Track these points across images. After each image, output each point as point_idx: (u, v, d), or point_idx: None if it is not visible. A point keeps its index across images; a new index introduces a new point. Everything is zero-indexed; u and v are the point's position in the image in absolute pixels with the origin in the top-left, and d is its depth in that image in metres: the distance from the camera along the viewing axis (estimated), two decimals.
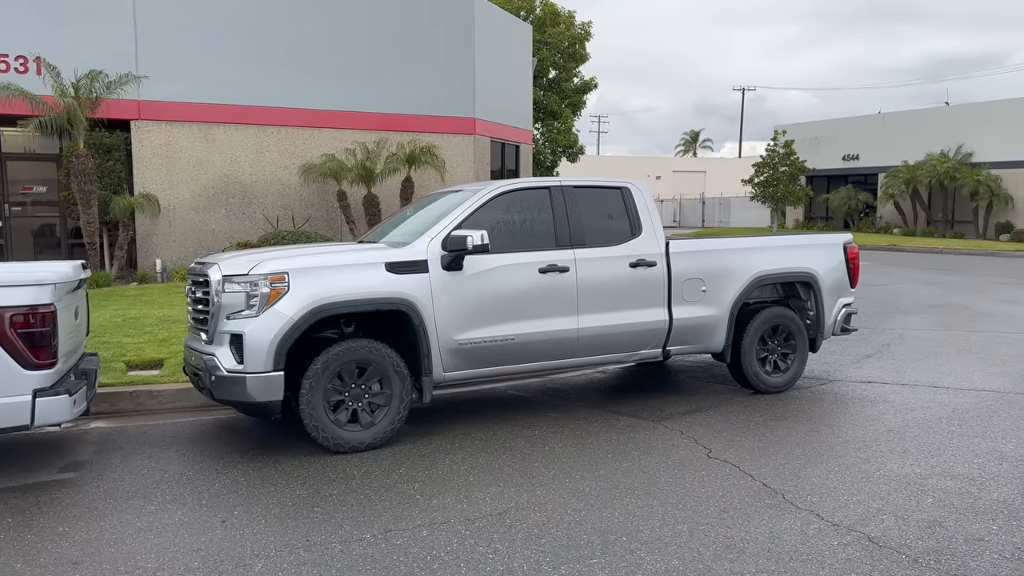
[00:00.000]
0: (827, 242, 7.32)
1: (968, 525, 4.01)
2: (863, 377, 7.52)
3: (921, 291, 14.45)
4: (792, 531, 3.96)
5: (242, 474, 4.92)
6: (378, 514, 4.22)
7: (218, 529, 4.05)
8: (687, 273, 6.52)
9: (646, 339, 6.42)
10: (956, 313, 11.59)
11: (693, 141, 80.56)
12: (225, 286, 5.18)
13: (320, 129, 16.06)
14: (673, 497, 4.44)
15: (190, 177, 15.25)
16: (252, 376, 5.04)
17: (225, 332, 5.16)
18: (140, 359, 7.63)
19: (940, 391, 6.91)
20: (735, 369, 6.92)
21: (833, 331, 7.26)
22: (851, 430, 5.78)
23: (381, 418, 5.39)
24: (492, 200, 6.00)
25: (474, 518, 4.15)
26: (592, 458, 5.15)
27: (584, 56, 30.94)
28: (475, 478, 4.78)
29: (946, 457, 5.11)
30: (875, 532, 3.93)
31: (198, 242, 15.11)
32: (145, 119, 14.77)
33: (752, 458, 5.12)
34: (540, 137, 30.57)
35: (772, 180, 34.07)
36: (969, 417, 6.06)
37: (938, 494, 4.45)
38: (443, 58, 17.30)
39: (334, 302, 5.20)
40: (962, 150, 31.97)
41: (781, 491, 4.52)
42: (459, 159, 17.40)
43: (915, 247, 26.49)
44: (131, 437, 5.81)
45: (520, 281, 5.87)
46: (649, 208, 6.59)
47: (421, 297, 5.47)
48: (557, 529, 4.00)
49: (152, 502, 4.45)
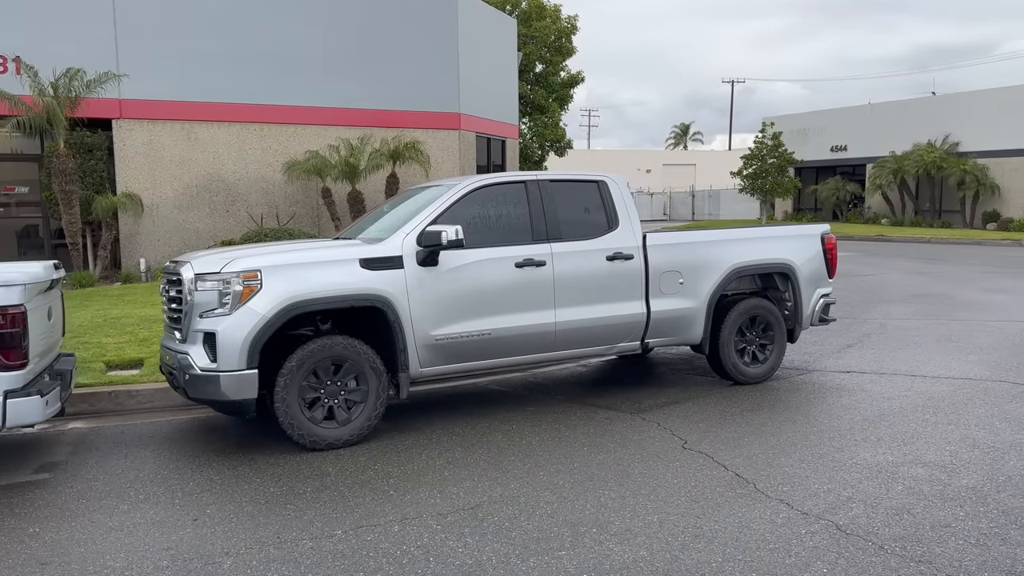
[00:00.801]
0: (804, 233, 7.35)
1: (936, 512, 4.04)
2: (842, 367, 7.56)
3: (906, 281, 14.52)
4: (761, 520, 3.98)
5: (217, 472, 4.92)
6: (351, 510, 4.23)
7: (189, 527, 4.05)
8: (664, 266, 6.54)
9: (624, 332, 6.44)
10: (939, 302, 11.65)
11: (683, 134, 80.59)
12: (197, 284, 5.17)
13: (304, 126, 16.02)
14: (646, 488, 4.46)
15: (173, 176, 15.19)
16: (226, 375, 5.04)
17: (198, 331, 5.15)
18: (120, 359, 7.60)
19: (918, 380, 6.96)
20: (714, 361, 6.95)
21: (811, 321, 7.29)
22: (827, 420, 5.81)
23: (357, 415, 5.39)
24: (468, 195, 6.00)
25: (446, 512, 4.16)
26: (568, 451, 5.16)
27: (570, 50, 30.92)
28: (450, 473, 4.79)
29: (919, 445, 5.15)
30: (843, 520, 3.96)
31: (182, 241, 15.06)
32: (127, 118, 14.70)
33: (726, 448, 5.15)
34: (527, 132, 30.56)
35: (760, 172, 34.16)
36: (944, 405, 6.10)
37: (908, 482, 4.48)
38: (427, 53, 17.26)
39: (307, 299, 5.19)
40: (949, 140, 32.12)
41: (753, 481, 4.54)
42: (444, 154, 17.38)
43: (903, 237, 26.60)
44: (108, 437, 5.79)
45: (496, 276, 5.87)
46: (626, 201, 6.60)
47: (396, 293, 5.47)
48: (528, 522, 4.02)
49: (125, 501, 4.44)
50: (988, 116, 31.10)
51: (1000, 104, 30.79)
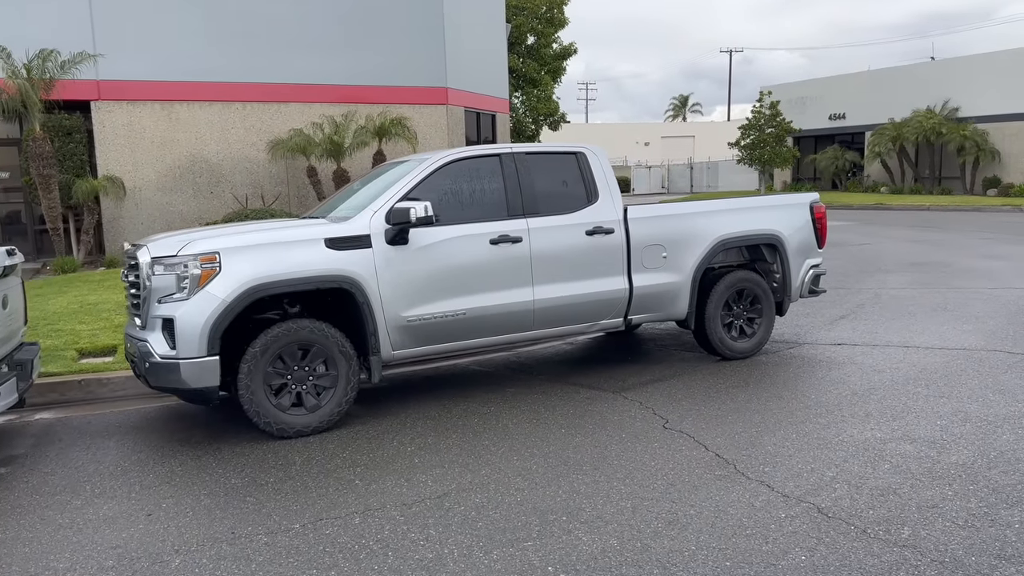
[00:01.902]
0: (792, 202, 7.11)
1: (923, 491, 3.86)
2: (833, 339, 7.36)
3: (904, 249, 14.28)
4: (739, 504, 3.80)
5: (179, 463, 4.74)
6: (312, 502, 4.05)
7: (142, 524, 3.87)
8: (646, 239, 6.31)
9: (606, 309, 6.23)
10: (936, 270, 11.42)
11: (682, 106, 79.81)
12: (155, 268, 4.96)
13: (287, 103, 15.68)
14: (621, 472, 4.27)
15: (155, 157, 14.91)
16: (185, 362, 4.84)
17: (157, 317, 4.95)
18: (93, 346, 7.42)
19: (911, 351, 6.75)
20: (700, 336, 6.75)
21: (801, 293, 7.08)
22: (814, 394, 5.62)
23: (327, 401, 5.20)
24: (439, 170, 5.77)
25: (411, 502, 3.98)
26: (544, 434, 4.98)
27: (563, 21, 30.39)
28: (420, 460, 4.61)
29: (908, 420, 4.95)
30: (825, 502, 3.78)
31: (166, 224, 14.80)
32: (105, 99, 14.39)
33: (708, 427, 4.96)
34: (520, 106, 30.13)
35: (758, 142, 33.77)
36: (937, 377, 5.91)
37: (896, 459, 4.29)
38: (412, 26, 16.86)
39: (269, 282, 4.98)
40: (948, 105, 31.69)
41: (733, 461, 4.36)
42: (432, 130, 17.06)
43: (902, 205, 26.30)
44: (73, 428, 5.62)
45: (470, 253, 5.65)
46: (606, 174, 6.36)
47: (364, 273, 5.26)
48: (496, 511, 3.83)
49: (79, 496, 4.27)
50: (988, 80, 30.63)
51: (1000, 68, 30.31)
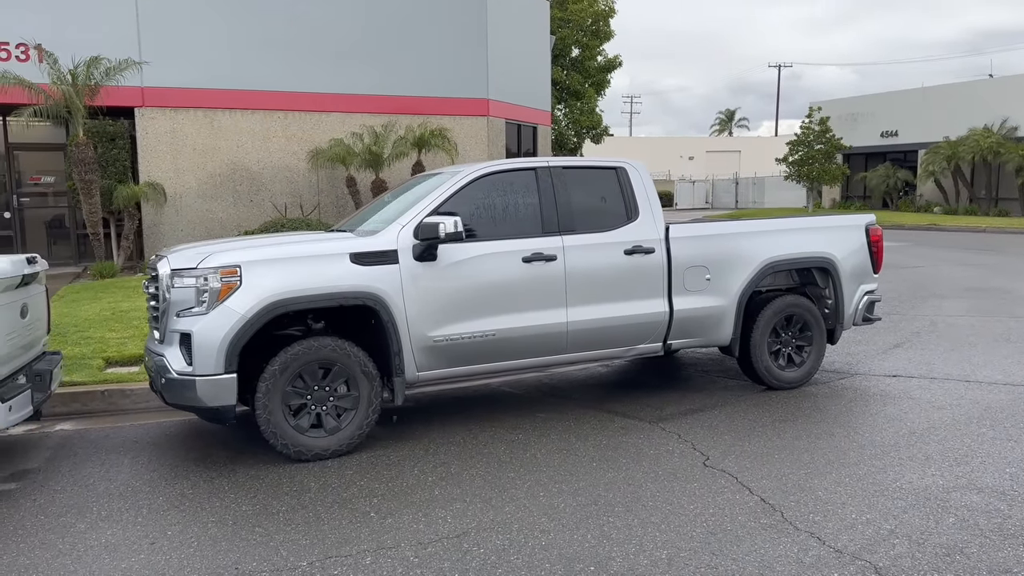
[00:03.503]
0: (847, 224, 6.70)
1: (994, 552, 3.46)
2: (888, 370, 6.91)
3: (959, 273, 13.62)
4: (787, 559, 3.44)
5: (191, 485, 4.54)
6: (323, 536, 3.80)
7: (144, 553, 3.66)
8: (689, 260, 5.98)
9: (644, 333, 5.90)
10: (996, 298, 10.82)
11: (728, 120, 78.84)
12: (174, 281, 4.78)
13: (328, 113, 15.65)
14: (657, 515, 3.94)
15: (196, 164, 14.98)
16: (202, 379, 4.64)
17: (175, 331, 4.77)
18: (120, 355, 7.31)
19: (972, 386, 6.29)
20: (744, 363, 6.37)
21: (854, 321, 6.66)
22: (869, 433, 5.21)
23: (347, 423, 4.96)
24: (471, 183, 5.52)
25: (428, 541, 3.70)
26: (574, 467, 4.66)
27: (608, 34, 30.11)
28: (441, 491, 4.33)
29: (974, 466, 4.53)
30: (883, 561, 3.40)
31: (206, 231, 14.85)
32: (149, 106, 14.51)
33: (753, 467, 4.60)
34: (562, 118, 29.88)
35: (807, 159, 32.99)
36: (1003, 417, 5.45)
37: (962, 512, 3.89)
38: (454, 37, 16.75)
39: (291, 297, 4.77)
40: (1007, 124, 30.55)
41: (781, 508, 3.99)
42: (472, 142, 16.88)
43: (956, 226, 25.35)
44: (91, 441, 5.47)
45: (501, 271, 5.38)
46: (647, 190, 6.05)
47: (390, 291, 5.02)
48: (518, 556, 3.53)
49: (84, 519, 4.08)
50: None
51: None
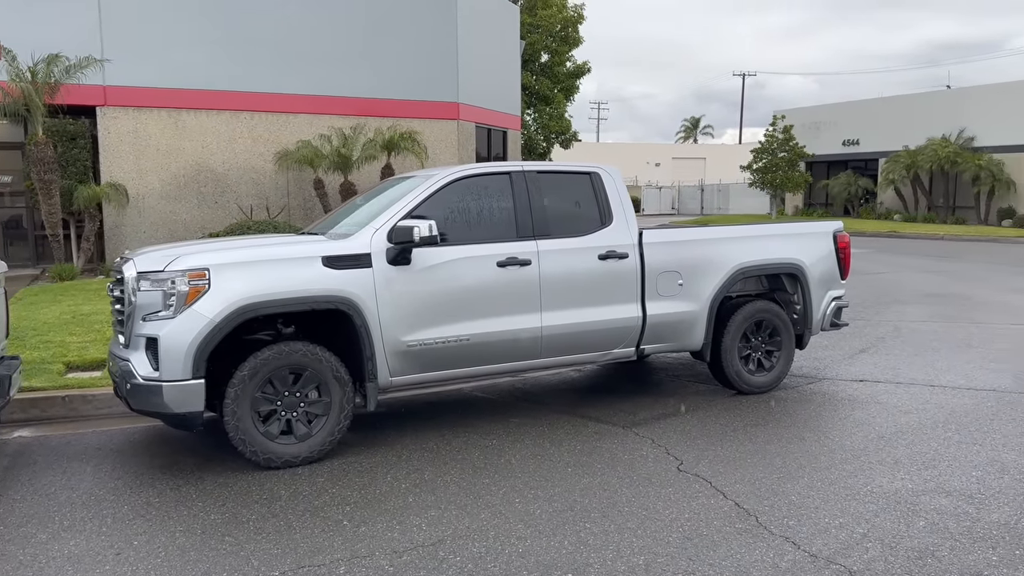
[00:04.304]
0: (815, 231, 6.79)
1: (965, 555, 3.50)
2: (855, 375, 7.01)
3: (921, 279, 13.91)
4: (763, 564, 3.45)
5: (157, 494, 4.42)
6: (295, 545, 3.72)
7: (109, 564, 3.55)
8: (662, 265, 6.00)
9: (617, 338, 5.90)
10: (956, 303, 11.06)
11: (694, 128, 79.70)
12: (140, 284, 4.66)
13: (295, 115, 15.47)
14: (633, 521, 3.93)
15: (160, 165, 14.69)
16: (169, 385, 4.53)
17: (141, 335, 4.64)
18: (81, 360, 7.12)
19: (937, 390, 6.40)
20: (715, 368, 6.41)
21: (822, 326, 6.74)
22: (838, 437, 5.27)
23: (318, 429, 4.88)
24: (446, 187, 5.47)
25: (403, 550, 3.65)
26: (549, 473, 4.64)
27: (577, 40, 30.24)
28: (415, 499, 4.28)
29: (941, 469, 4.60)
30: (857, 564, 3.43)
31: (169, 233, 14.57)
32: (111, 105, 14.19)
33: (727, 471, 4.62)
34: (532, 123, 29.94)
35: (771, 166, 33.47)
36: (968, 421, 5.55)
37: (931, 515, 3.94)
38: (424, 40, 16.68)
39: (261, 302, 4.67)
40: (964, 134, 31.33)
41: (755, 512, 4.01)
42: (442, 145, 16.82)
43: (916, 233, 25.91)
44: (51, 449, 5.30)
45: (476, 276, 5.35)
46: (621, 195, 6.06)
47: (363, 295, 4.95)
48: (495, 563, 3.50)
49: (46, 529, 3.95)
50: (1004, 110, 30.29)
51: (1017, 98, 29.97)
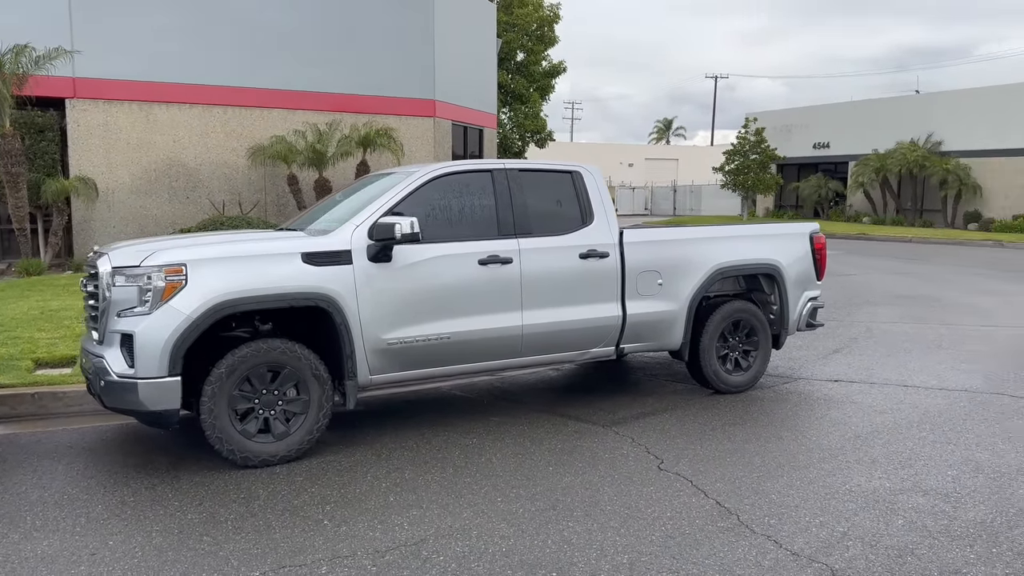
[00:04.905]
0: (792, 232, 6.85)
1: (943, 553, 3.55)
2: (829, 375, 7.09)
3: (890, 281, 14.13)
4: (745, 562, 3.47)
5: (132, 493, 4.33)
6: (275, 545, 3.66)
7: (84, 565, 3.47)
8: (642, 265, 6.02)
9: (597, 337, 5.91)
10: (926, 305, 11.25)
11: (666, 129, 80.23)
12: (115, 279, 4.57)
13: (269, 109, 15.29)
14: (616, 520, 3.93)
15: (130, 159, 14.43)
16: (144, 382, 4.44)
17: (115, 332, 4.55)
18: (51, 356, 6.97)
19: (910, 391, 6.50)
20: (693, 367, 6.44)
21: (798, 326, 6.81)
22: (815, 436, 5.32)
23: (297, 428, 4.82)
24: (427, 184, 5.44)
25: (385, 549, 3.61)
26: (531, 472, 4.63)
27: (553, 39, 30.29)
28: (396, 498, 4.24)
29: (917, 468, 4.67)
30: (839, 563, 3.46)
31: (140, 228, 14.32)
32: (81, 97, 13.91)
33: (707, 470, 4.64)
34: (507, 122, 29.92)
35: (742, 168, 33.82)
36: (941, 421, 5.64)
37: (909, 514, 3.99)
38: (401, 36, 16.57)
39: (239, 298, 4.60)
40: (932, 139, 31.89)
41: (736, 511, 4.03)
42: (418, 142, 16.74)
43: (884, 236, 26.33)
44: (21, 447, 5.18)
45: (457, 273, 5.32)
46: (602, 194, 6.07)
47: (343, 292, 4.90)
48: (479, 563, 3.47)
49: (18, 529, 3.85)
50: (972, 116, 30.89)
51: (984, 104, 30.59)
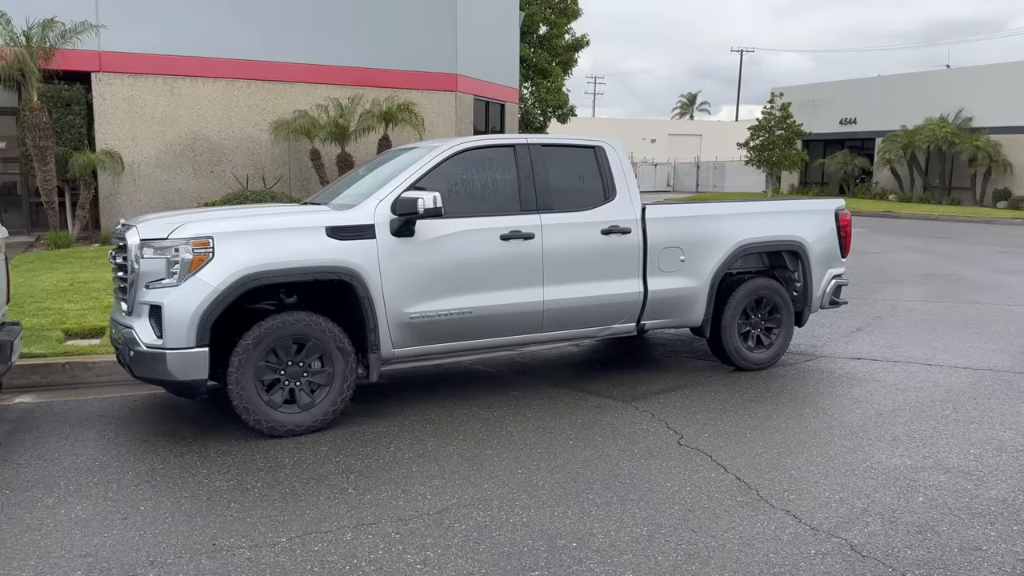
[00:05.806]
0: (817, 208, 6.79)
1: (963, 530, 3.56)
2: (852, 353, 7.06)
3: (916, 259, 13.97)
4: (765, 536, 3.50)
5: (162, 460, 4.44)
6: (301, 512, 3.75)
7: (116, 528, 3.57)
8: (664, 241, 6.00)
9: (618, 313, 5.92)
10: (952, 283, 11.12)
11: (690, 104, 79.25)
12: (143, 251, 4.64)
13: (292, 84, 15.32)
14: (635, 493, 3.97)
15: (155, 133, 14.55)
16: (172, 352, 4.53)
17: (144, 303, 4.64)
18: (80, 327, 7.10)
19: (934, 369, 6.46)
20: (714, 344, 6.44)
21: (821, 304, 6.78)
22: (837, 413, 5.32)
23: (321, 399, 4.90)
24: (449, 159, 5.45)
25: (408, 518, 3.68)
26: (551, 445, 4.68)
27: (576, 12, 29.93)
28: (419, 468, 4.31)
29: (939, 447, 4.65)
30: (858, 538, 3.48)
31: (164, 201, 14.46)
32: (107, 71, 14.01)
33: (727, 445, 4.66)
34: (529, 97, 29.71)
35: (768, 144, 33.36)
36: (965, 399, 5.61)
37: (930, 491, 3.99)
38: (423, 10, 16.49)
39: (265, 271, 4.67)
40: (962, 115, 31.27)
41: (756, 486, 4.06)
42: (440, 117, 16.70)
43: (911, 214, 25.97)
44: (53, 415, 5.31)
45: (479, 248, 5.34)
46: (625, 170, 6.04)
47: (367, 266, 4.94)
48: (500, 532, 3.53)
49: (52, 494, 3.97)
50: (1003, 91, 30.22)
51: (1016, 79, 29.90)
